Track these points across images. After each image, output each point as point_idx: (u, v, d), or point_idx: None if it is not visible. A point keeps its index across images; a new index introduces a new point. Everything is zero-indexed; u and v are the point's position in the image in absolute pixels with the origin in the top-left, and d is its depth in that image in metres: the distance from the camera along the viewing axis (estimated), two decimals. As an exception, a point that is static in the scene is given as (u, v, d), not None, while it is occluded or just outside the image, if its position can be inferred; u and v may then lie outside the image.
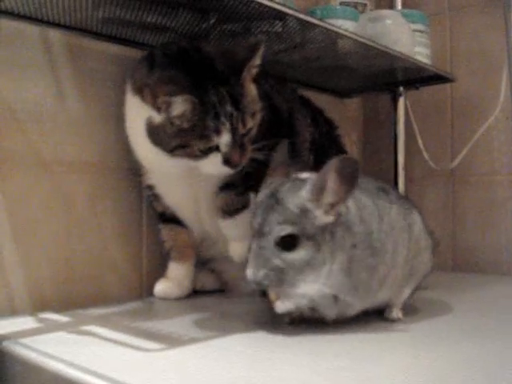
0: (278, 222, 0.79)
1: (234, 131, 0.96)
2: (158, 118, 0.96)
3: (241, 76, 0.97)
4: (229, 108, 0.95)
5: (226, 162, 0.98)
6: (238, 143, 0.97)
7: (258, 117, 1.02)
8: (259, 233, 0.80)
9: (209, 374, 0.66)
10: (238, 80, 0.97)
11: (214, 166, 0.98)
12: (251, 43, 0.99)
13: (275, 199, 0.80)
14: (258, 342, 0.82)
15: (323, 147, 1.25)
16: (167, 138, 0.97)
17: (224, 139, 0.96)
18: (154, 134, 0.99)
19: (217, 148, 0.96)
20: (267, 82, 1.18)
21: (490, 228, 1.53)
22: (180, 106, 0.93)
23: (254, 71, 1.01)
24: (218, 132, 0.95)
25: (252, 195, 1.10)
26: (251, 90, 1.01)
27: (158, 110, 0.95)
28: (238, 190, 1.10)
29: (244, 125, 0.98)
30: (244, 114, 0.97)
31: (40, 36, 1.06)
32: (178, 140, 0.96)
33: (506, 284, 1.35)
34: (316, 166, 1.19)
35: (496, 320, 0.92)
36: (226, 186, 1.10)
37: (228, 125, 0.95)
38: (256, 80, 1.05)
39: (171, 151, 0.98)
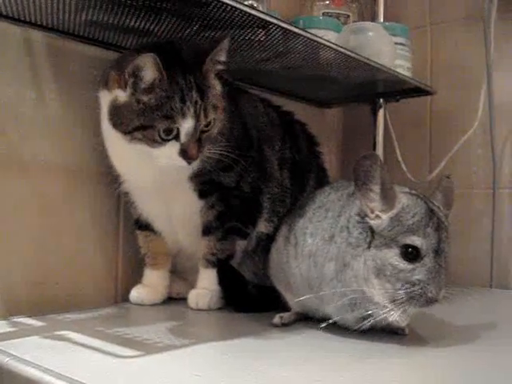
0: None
1: (196, 119, 0.97)
2: (123, 96, 0.96)
3: (203, 67, 0.99)
4: (194, 94, 0.96)
5: (183, 153, 0.97)
6: (196, 136, 0.98)
7: (220, 114, 1.03)
8: (436, 251, 0.80)
9: (183, 381, 0.66)
10: (201, 71, 0.99)
11: (169, 157, 0.98)
12: (216, 38, 1.01)
13: (436, 217, 0.82)
14: (232, 349, 0.82)
15: (301, 164, 1.25)
16: (130, 117, 0.96)
17: (187, 124, 0.96)
18: (117, 114, 0.98)
19: (176, 137, 0.96)
20: (240, 98, 1.20)
21: (467, 241, 1.54)
22: (149, 72, 0.93)
23: (218, 67, 1.02)
24: (183, 115, 0.95)
25: (239, 242, 1.12)
26: (215, 84, 1.03)
27: (125, 85, 0.95)
28: (218, 234, 1.11)
29: (206, 115, 0.98)
30: (207, 104, 0.98)
31: (22, 37, 1.05)
32: (141, 119, 0.95)
33: (484, 296, 1.36)
34: (293, 184, 1.20)
35: (476, 332, 0.92)
36: (206, 230, 1.11)
37: (192, 110, 0.96)
38: (230, 95, 1.09)
39: (131, 132, 0.97)
